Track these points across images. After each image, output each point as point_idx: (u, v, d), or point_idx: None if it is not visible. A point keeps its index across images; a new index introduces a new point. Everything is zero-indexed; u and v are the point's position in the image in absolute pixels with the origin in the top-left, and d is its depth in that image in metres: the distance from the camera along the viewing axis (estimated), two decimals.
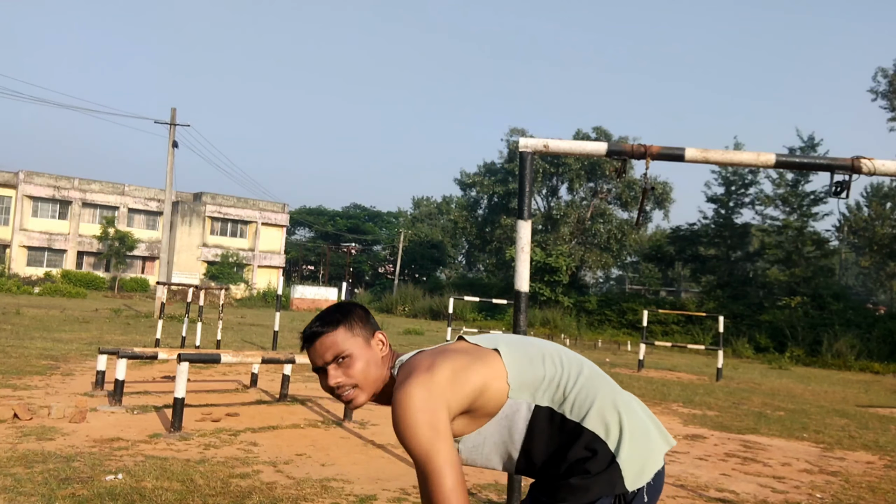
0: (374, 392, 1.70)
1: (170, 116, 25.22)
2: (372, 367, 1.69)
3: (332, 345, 1.66)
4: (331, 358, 1.66)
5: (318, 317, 1.71)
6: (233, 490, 4.35)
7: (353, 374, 1.66)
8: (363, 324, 1.72)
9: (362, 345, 1.70)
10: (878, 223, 34.71)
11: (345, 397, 1.67)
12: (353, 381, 1.66)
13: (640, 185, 37.82)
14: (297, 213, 66.57)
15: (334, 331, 1.67)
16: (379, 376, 1.69)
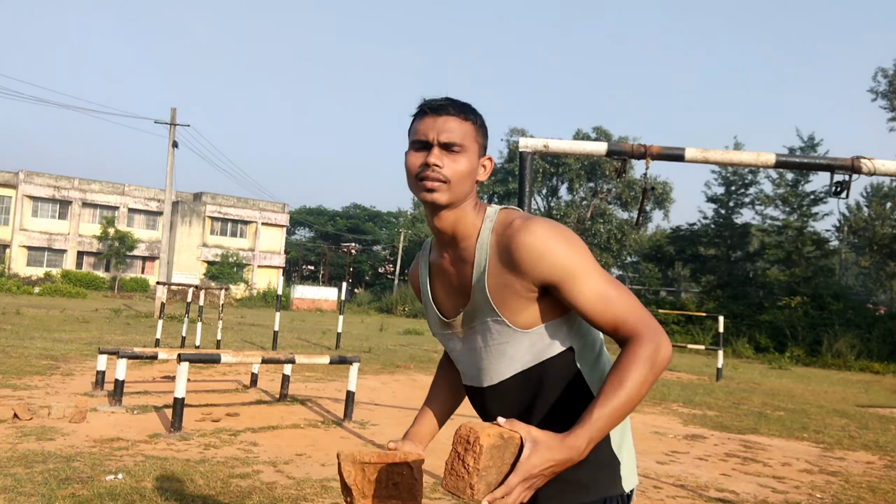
0: (453, 202, 1.50)
1: (170, 116, 25.22)
2: (469, 179, 1.51)
3: (455, 130, 1.49)
4: (444, 141, 1.48)
5: (453, 99, 1.53)
6: (233, 490, 4.35)
7: (454, 168, 1.48)
8: (484, 138, 1.57)
9: (476, 153, 1.53)
10: (878, 223, 34.70)
11: (429, 183, 1.47)
12: (448, 176, 1.47)
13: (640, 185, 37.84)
14: (297, 213, 66.57)
15: (465, 121, 1.51)
16: (468, 191, 1.52)
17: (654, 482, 5.39)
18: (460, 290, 1.57)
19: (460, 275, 1.56)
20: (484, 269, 1.49)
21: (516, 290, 1.45)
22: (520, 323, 1.48)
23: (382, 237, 69.87)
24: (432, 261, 1.66)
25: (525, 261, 1.41)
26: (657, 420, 8.54)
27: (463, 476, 1.22)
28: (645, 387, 1.33)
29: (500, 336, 1.50)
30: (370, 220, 71.72)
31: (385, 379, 10.56)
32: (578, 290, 1.40)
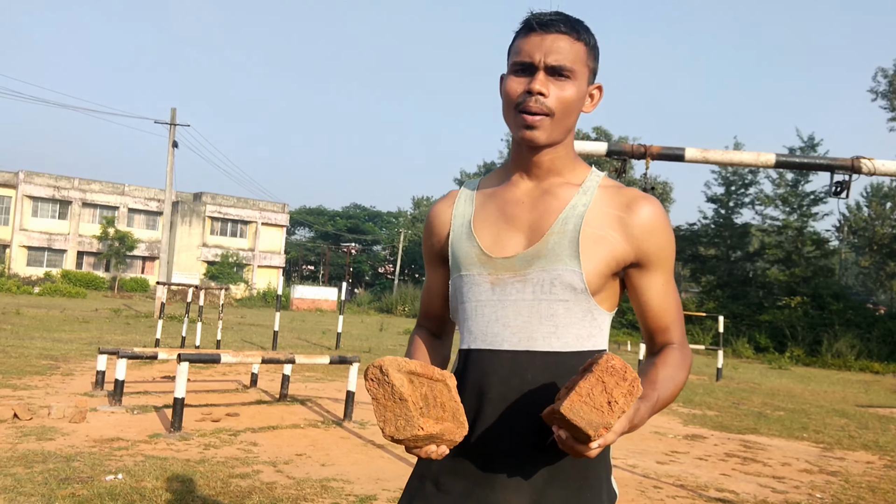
0: (554, 138, 1.31)
1: (170, 116, 25.23)
2: (576, 111, 1.32)
3: (565, 52, 1.27)
4: (552, 63, 1.26)
5: (564, 14, 1.31)
6: (233, 490, 4.35)
7: (561, 97, 1.28)
8: (596, 62, 1.35)
9: (586, 80, 1.33)
10: (878, 223, 34.74)
11: (530, 118, 1.28)
12: (553, 107, 1.28)
13: (640, 185, 37.85)
14: (297, 213, 66.57)
15: (577, 41, 1.29)
16: (572, 125, 1.33)
17: (654, 482, 5.39)
18: (531, 227, 1.33)
19: (539, 210, 1.33)
20: (581, 214, 1.30)
21: (613, 252, 1.29)
22: (592, 287, 1.29)
23: (382, 237, 69.88)
24: (491, 191, 1.42)
25: (642, 225, 1.29)
26: (657, 420, 8.54)
27: (603, 411, 1.06)
28: (677, 395, 1.31)
29: (561, 293, 1.28)
30: (370, 220, 71.74)
31: None
32: (660, 279, 1.33)
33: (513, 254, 1.32)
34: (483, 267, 1.34)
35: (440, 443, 1.20)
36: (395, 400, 1.13)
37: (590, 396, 1.06)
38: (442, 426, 1.17)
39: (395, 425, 1.13)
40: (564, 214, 1.31)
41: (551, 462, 1.26)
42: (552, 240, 1.29)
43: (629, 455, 6.34)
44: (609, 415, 1.06)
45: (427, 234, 1.48)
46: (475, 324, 1.34)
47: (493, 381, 1.29)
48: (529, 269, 1.29)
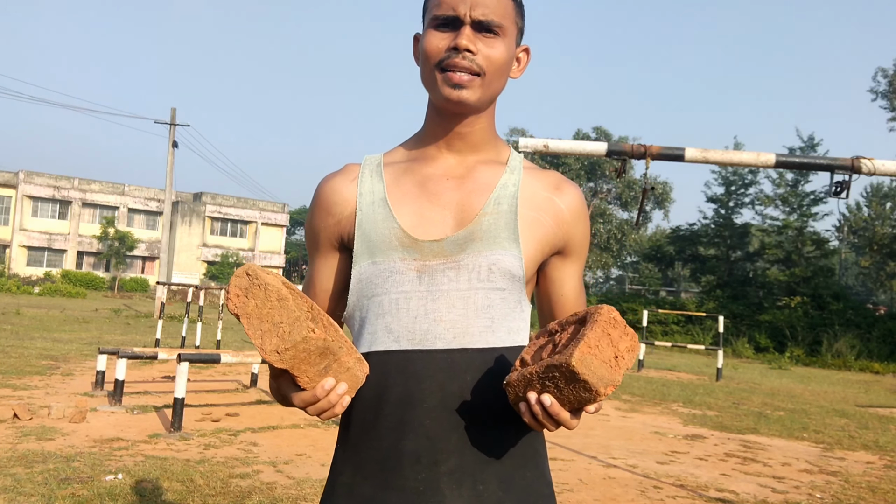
0: (482, 101, 1.15)
1: (170, 116, 25.23)
2: (505, 71, 1.17)
3: (493, 6, 1.12)
4: (480, 18, 1.11)
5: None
6: (233, 490, 4.35)
7: (490, 56, 1.13)
8: (523, 21, 1.21)
9: (515, 38, 1.19)
10: (878, 223, 34.75)
11: (457, 75, 1.11)
12: (483, 66, 1.12)
13: (640, 185, 37.85)
14: (297, 213, 66.57)
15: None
16: (500, 88, 1.18)
17: (654, 482, 5.39)
18: (459, 205, 1.15)
19: (468, 187, 1.17)
20: (514, 194, 1.17)
21: (547, 234, 1.18)
22: (528, 275, 1.16)
23: None
24: (404, 165, 1.21)
25: (571, 211, 1.19)
26: (657, 420, 8.54)
27: (611, 366, 0.94)
28: None
29: (499, 280, 1.12)
30: None
31: None
32: (576, 271, 1.23)
33: (441, 237, 1.13)
34: (406, 251, 1.12)
35: (338, 374, 0.99)
36: (271, 303, 0.94)
37: (599, 348, 0.93)
38: (337, 339, 0.98)
39: (276, 334, 0.93)
40: (497, 193, 1.16)
41: (504, 473, 1.10)
42: (486, 220, 1.13)
43: (629, 455, 6.34)
44: (616, 370, 0.94)
45: (319, 214, 1.21)
46: (396, 320, 1.11)
47: (428, 388, 1.08)
48: (462, 254, 1.12)
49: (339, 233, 1.19)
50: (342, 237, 1.19)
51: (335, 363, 0.98)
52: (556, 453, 6.17)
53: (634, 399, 10.27)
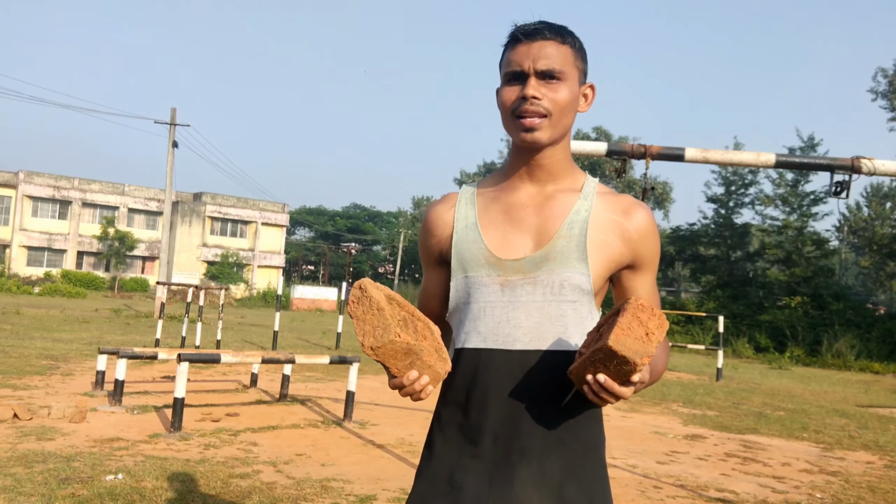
0: (554, 138, 1.36)
1: (170, 116, 25.23)
2: (572, 110, 1.37)
3: (552, 57, 1.33)
4: (542, 69, 1.33)
5: (548, 22, 1.38)
6: (233, 490, 4.35)
7: (555, 99, 1.33)
8: (585, 62, 1.41)
9: (577, 79, 1.38)
10: (878, 223, 34.72)
11: (528, 120, 1.34)
12: (549, 108, 1.34)
13: (640, 185, 37.86)
14: (297, 213, 66.59)
15: (563, 44, 1.36)
16: (570, 124, 1.39)
17: (654, 482, 5.39)
18: (538, 230, 1.37)
19: (544, 214, 1.38)
20: (585, 219, 1.37)
21: (614, 256, 1.37)
22: (595, 288, 1.36)
23: (382, 237, 69.89)
24: (493, 194, 1.45)
25: (640, 231, 1.39)
26: (657, 420, 8.54)
27: (643, 341, 1.16)
28: (661, 375, 1.39)
29: (570, 294, 1.34)
30: (370, 220, 71.75)
31: (385, 379, 10.55)
32: (649, 281, 1.43)
33: (521, 256, 1.36)
34: (492, 268, 1.37)
35: (422, 368, 1.25)
36: (373, 311, 1.21)
37: (630, 329, 1.16)
38: (420, 343, 1.24)
39: (373, 335, 1.20)
40: (570, 219, 1.37)
41: (567, 456, 1.32)
42: (560, 243, 1.35)
43: (629, 455, 6.34)
44: (648, 344, 1.16)
45: (426, 235, 1.49)
46: (484, 324, 1.37)
47: (505, 380, 1.33)
48: (539, 272, 1.35)
49: (440, 250, 1.46)
50: (442, 254, 1.46)
51: (418, 361, 1.25)
52: None
53: (634, 399, 10.28)
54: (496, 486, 1.31)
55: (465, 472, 1.33)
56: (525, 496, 1.29)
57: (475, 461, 1.33)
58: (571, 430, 1.33)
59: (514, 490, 1.29)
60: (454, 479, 1.34)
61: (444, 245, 1.45)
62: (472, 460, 1.34)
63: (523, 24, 1.38)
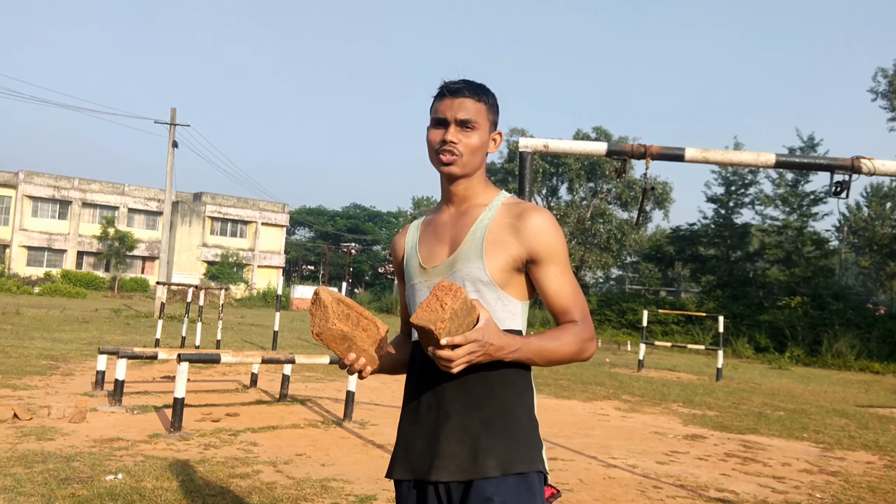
0: (466, 172, 1.73)
1: (170, 116, 25.23)
2: (480, 152, 1.73)
3: (469, 110, 1.69)
4: (461, 118, 1.69)
5: (469, 81, 1.73)
6: (233, 490, 4.35)
7: (467, 143, 1.70)
8: (496, 115, 1.78)
9: (487, 129, 1.75)
10: (878, 223, 34.66)
11: (445, 158, 1.70)
12: (462, 150, 1.70)
13: (640, 185, 37.84)
14: (297, 213, 66.55)
15: (479, 101, 1.71)
16: (479, 164, 1.74)
17: (653, 482, 5.39)
18: (452, 240, 1.73)
19: (457, 227, 1.73)
20: (486, 226, 1.69)
21: (510, 252, 1.65)
22: (496, 280, 1.65)
23: (382, 237, 69.85)
24: (430, 219, 1.83)
25: (530, 229, 1.66)
26: (657, 420, 8.54)
27: (437, 311, 1.40)
28: (566, 356, 1.62)
29: (471, 285, 1.65)
30: (370, 220, 71.71)
31: (385, 379, 10.55)
32: (553, 272, 1.68)
33: (439, 262, 1.73)
34: (422, 275, 1.75)
35: (358, 352, 1.58)
36: (321, 308, 1.55)
37: (429, 306, 1.41)
38: (355, 332, 1.56)
39: (318, 325, 1.55)
40: (474, 227, 1.70)
41: (484, 415, 1.61)
42: (465, 247, 1.69)
43: (629, 455, 6.35)
44: (442, 312, 1.40)
45: (393, 258, 1.92)
46: None
47: (432, 362, 1.60)
48: (451, 272, 1.69)
49: (400, 269, 1.88)
50: (401, 270, 1.87)
51: (354, 346, 1.57)
52: (556, 453, 6.17)
53: (634, 399, 10.28)
54: (431, 444, 1.62)
55: (413, 437, 1.67)
56: (448, 449, 1.60)
57: (418, 427, 1.67)
58: (487, 394, 1.62)
59: (440, 445, 1.60)
60: (407, 443, 1.68)
61: (401, 263, 1.86)
62: (416, 427, 1.67)
63: (450, 82, 1.72)
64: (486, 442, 1.59)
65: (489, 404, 1.62)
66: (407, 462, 1.66)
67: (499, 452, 1.58)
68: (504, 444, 1.59)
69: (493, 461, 1.57)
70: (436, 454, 1.60)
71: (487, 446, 1.58)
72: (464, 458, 1.58)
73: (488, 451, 1.58)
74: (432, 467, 1.60)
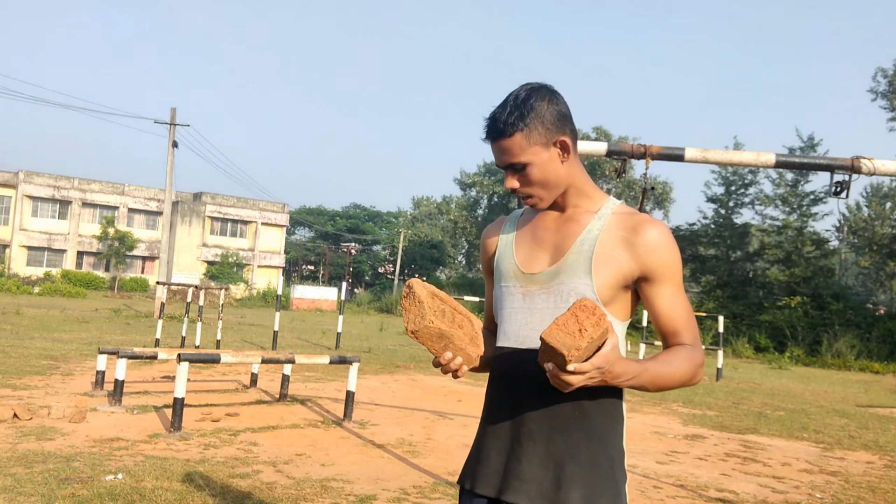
0: (551, 198, 1.60)
1: (170, 116, 25.22)
2: (550, 177, 1.57)
3: (509, 151, 1.55)
4: (506, 163, 1.57)
5: (494, 118, 1.55)
6: (233, 490, 4.35)
7: (529, 181, 1.57)
8: (540, 129, 1.54)
9: (539, 153, 1.55)
10: (878, 223, 34.71)
11: (525, 202, 1.62)
12: (529, 192, 1.58)
13: (640, 185, 37.84)
14: (297, 213, 66.55)
15: (512, 137, 1.53)
16: (558, 181, 1.58)
17: (654, 482, 5.39)
18: (555, 248, 1.60)
19: (562, 234, 1.61)
20: (595, 237, 1.56)
21: (621, 268, 1.53)
22: (603, 298, 1.53)
23: (382, 237, 69.85)
24: (529, 217, 1.71)
25: (646, 245, 1.53)
26: (657, 420, 8.54)
27: (574, 336, 1.30)
28: (678, 383, 1.51)
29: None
30: (370, 220, 71.71)
31: (385, 379, 10.56)
32: (668, 292, 1.56)
33: (539, 270, 1.60)
34: (517, 280, 1.63)
35: (455, 351, 1.52)
36: (415, 304, 1.48)
37: (565, 325, 1.31)
38: (452, 330, 1.50)
39: (413, 322, 1.48)
40: (581, 237, 1.57)
41: (571, 443, 1.51)
42: (570, 258, 1.56)
43: (629, 455, 6.34)
44: (579, 339, 1.29)
45: (481, 252, 1.81)
46: (510, 326, 1.62)
47: (520, 374, 1.56)
48: (552, 283, 1.57)
49: (489, 264, 1.76)
50: (491, 267, 1.75)
51: (451, 344, 1.52)
52: None
53: (634, 399, 10.28)
54: (511, 462, 1.54)
55: (489, 449, 1.59)
56: (530, 472, 1.51)
57: (496, 441, 1.58)
58: (577, 419, 1.52)
59: (521, 466, 1.52)
60: (481, 454, 1.61)
61: (492, 260, 1.74)
62: (494, 440, 1.59)
63: (485, 123, 1.58)
64: (572, 471, 1.49)
65: (578, 430, 1.51)
66: (480, 475, 1.58)
67: (583, 485, 1.48)
68: (589, 476, 1.49)
69: (576, 493, 1.47)
70: (515, 474, 1.52)
71: (572, 476, 1.49)
72: (546, 485, 1.49)
73: (573, 482, 1.48)
74: (510, 487, 1.52)
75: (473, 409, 8.23)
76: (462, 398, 9.17)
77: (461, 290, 40.16)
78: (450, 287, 44.29)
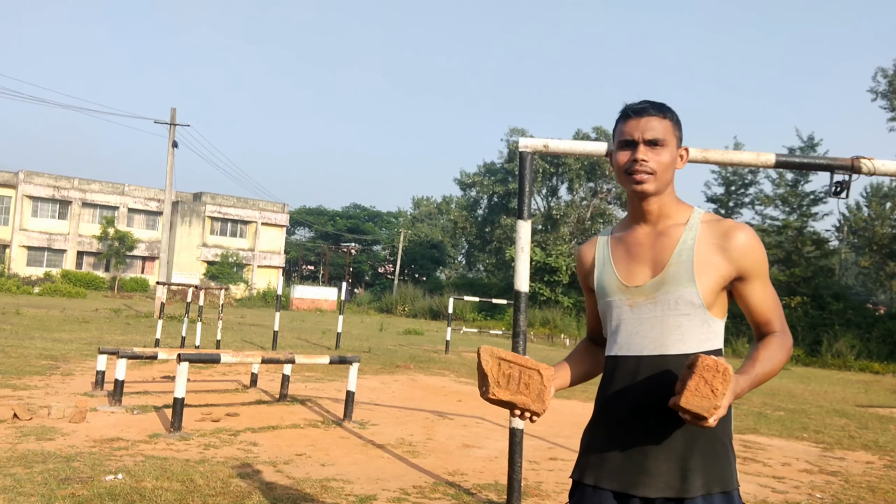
0: (659, 190, 1.75)
1: (170, 116, 25.22)
2: (671, 169, 1.76)
3: (656, 129, 1.73)
4: (649, 138, 1.72)
5: (651, 101, 1.77)
6: (233, 490, 4.35)
7: (659, 161, 1.73)
8: (680, 131, 1.80)
9: (675, 146, 1.77)
10: (878, 223, 34.71)
11: (638, 176, 1.73)
12: (654, 168, 1.72)
13: None
14: (297, 213, 66.55)
15: (664, 118, 1.75)
16: (669, 181, 1.77)
17: None
18: (653, 261, 1.75)
19: (658, 248, 1.75)
20: (691, 247, 1.71)
21: (720, 272, 1.69)
22: (707, 301, 1.69)
23: (382, 237, 69.85)
24: (619, 236, 1.86)
25: (738, 248, 1.70)
26: None
27: (709, 397, 1.46)
28: (780, 369, 1.70)
29: (683, 308, 1.69)
30: (370, 220, 71.71)
31: (385, 379, 10.56)
32: (759, 287, 1.73)
33: (642, 283, 1.75)
34: (622, 293, 1.77)
35: (522, 409, 1.67)
36: (482, 374, 1.67)
37: (698, 390, 1.47)
38: (515, 398, 1.66)
39: (481, 390, 1.68)
40: (678, 248, 1.72)
41: (689, 435, 1.65)
42: (672, 269, 1.71)
43: None
44: (714, 399, 1.46)
45: (578, 269, 1.98)
46: (620, 336, 1.76)
47: (636, 378, 1.71)
48: (657, 293, 1.72)
49: (588, 281, 1.93)
50: (589, 283, 1.92)
51: (515, 409, 1.69)
52: (557, 453, 6.18)
53: None
54: (635, 459, 1.68)
55: (609, 447, 1.73)
56: (657, 468, 1.65)
57: (616, 440, 1.72)
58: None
59: (647, 462, 1.66)
60: (602, 452, 1.74)
61: (590, 277, 1.91)
62: (614, 440, 1.72)
63: (633, 104, 1.77)
64: (694, 462, 1.64)
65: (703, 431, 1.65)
66: (603, 471, 1.72)
67: (705, 472, 1.64)
68: (709, 464, 1.65)
69: (699, 481, 1.63)
70: (643, 470, 1.66)
71: (695, 466, 1.64)
72: (672, 476, 1.64)
73: (696, 471, 1.63)
74: (639, 483, 1.66)
75: (473, 410, 8.23)
76: (462, 398, 9.17)
77: (461, 290, 40.15)
78: (450, 287, 44.28)
